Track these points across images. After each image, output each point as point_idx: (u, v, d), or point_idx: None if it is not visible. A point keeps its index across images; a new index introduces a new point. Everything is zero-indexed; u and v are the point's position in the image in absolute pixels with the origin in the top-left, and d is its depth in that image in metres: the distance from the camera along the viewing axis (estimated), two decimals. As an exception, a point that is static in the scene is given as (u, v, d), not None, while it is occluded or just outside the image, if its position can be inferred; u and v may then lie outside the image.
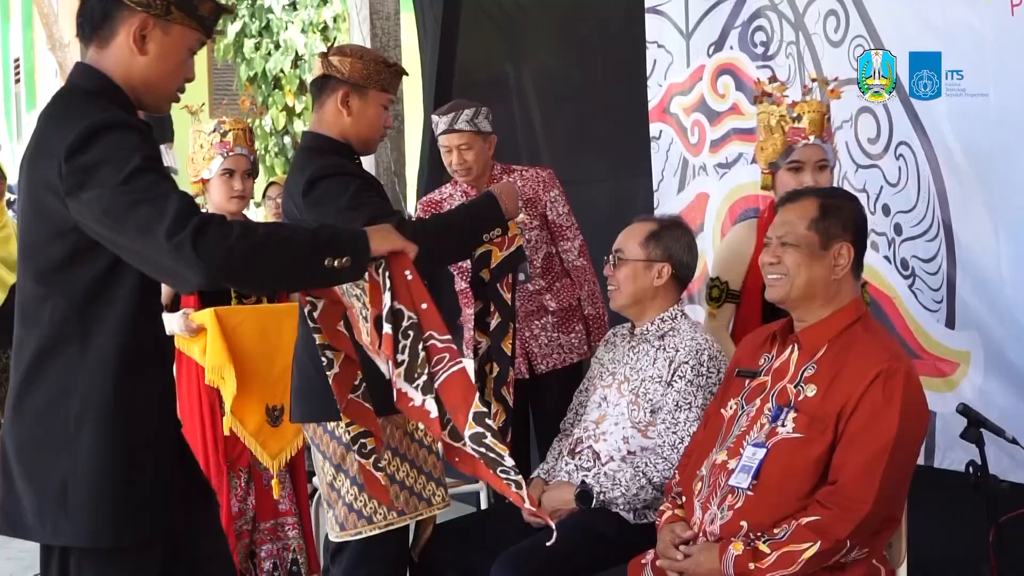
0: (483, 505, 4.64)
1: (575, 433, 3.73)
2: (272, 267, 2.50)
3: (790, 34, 4.64)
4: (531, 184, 4.64)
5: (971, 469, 3.22)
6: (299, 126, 15.69)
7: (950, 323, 4.01)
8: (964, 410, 3.32)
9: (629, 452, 3.55)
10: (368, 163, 7.56)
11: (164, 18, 2.57)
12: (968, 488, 3.15)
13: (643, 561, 3.14)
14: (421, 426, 3.23)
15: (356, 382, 2.93)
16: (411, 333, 2.64)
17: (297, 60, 15.36)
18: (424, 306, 2.66)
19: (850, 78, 4.28)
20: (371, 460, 2.96)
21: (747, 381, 3.14)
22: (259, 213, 9.59)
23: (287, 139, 15.79)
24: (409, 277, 2.67)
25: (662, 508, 3.24)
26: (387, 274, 2.67)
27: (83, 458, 2.51)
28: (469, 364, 3.05)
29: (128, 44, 2.57)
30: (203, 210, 2.63)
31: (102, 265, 2.50)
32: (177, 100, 2.80)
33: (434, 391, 2.63)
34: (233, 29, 15.59)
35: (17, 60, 24.31)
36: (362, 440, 2.96)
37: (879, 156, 4.25)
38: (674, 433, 3.50)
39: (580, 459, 3.64)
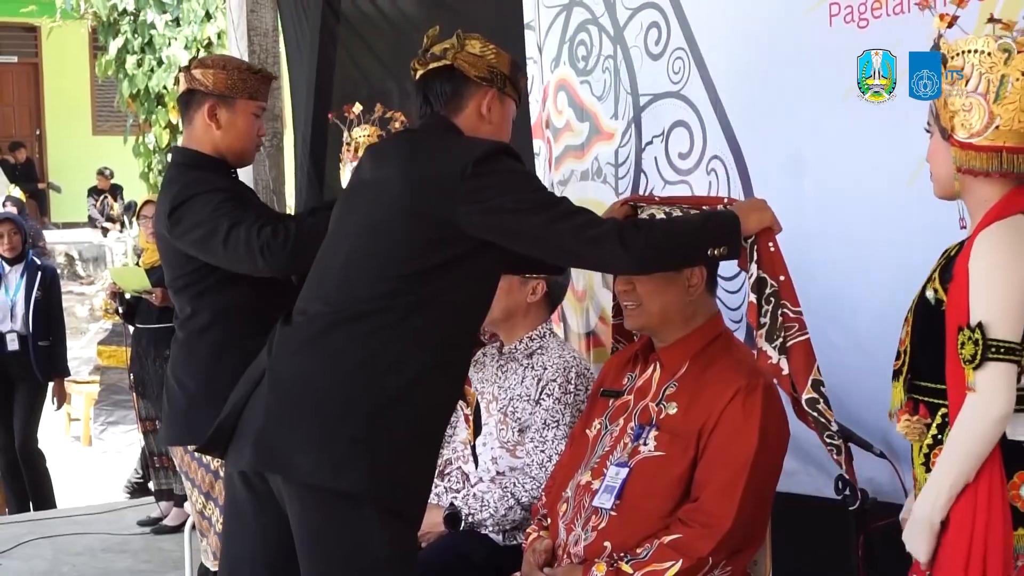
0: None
1: (444, 454, 3.69)
2: (673, 259, 2.87)
3: (608, 48, 4.61)
4: None
5: (839, 483, 3.23)
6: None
7: (748, 340, 3.99)
8: (832, 424, 3.32)
9: (498, 472, 3.53)
10: (247, 182, 7.49)
11: (503, 92, 2.96)
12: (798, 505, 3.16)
13: (509, 584, 3.12)
14: None
15: None
16: (772, 300, 2.87)
17: (180, 77, 15.15)
18: (782, 278, 2.88)
19: (667, 91, 4.27)
20: None
21: (611, 401, 3.13)
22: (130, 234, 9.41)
23: (170, 156, 15.56)
24: (772, 248, 2.87)
25: (528, 530, 3.21)
26: (755, 246, 2.86)
27: (400, 419, 2.67)
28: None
29: (478, 114, 2.93)
30: None
31: (456, 254, 2.73)
32: None
33: (787, 352, 2.86)
34: (115, 45, 15.34)
35: None
36: None
37: (690, 171, 4.19)
38: (542, 452, 3.48)
39: (449, 480, 3.60)
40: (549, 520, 3.15)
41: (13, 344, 7.69)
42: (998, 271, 2.43)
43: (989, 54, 2.46)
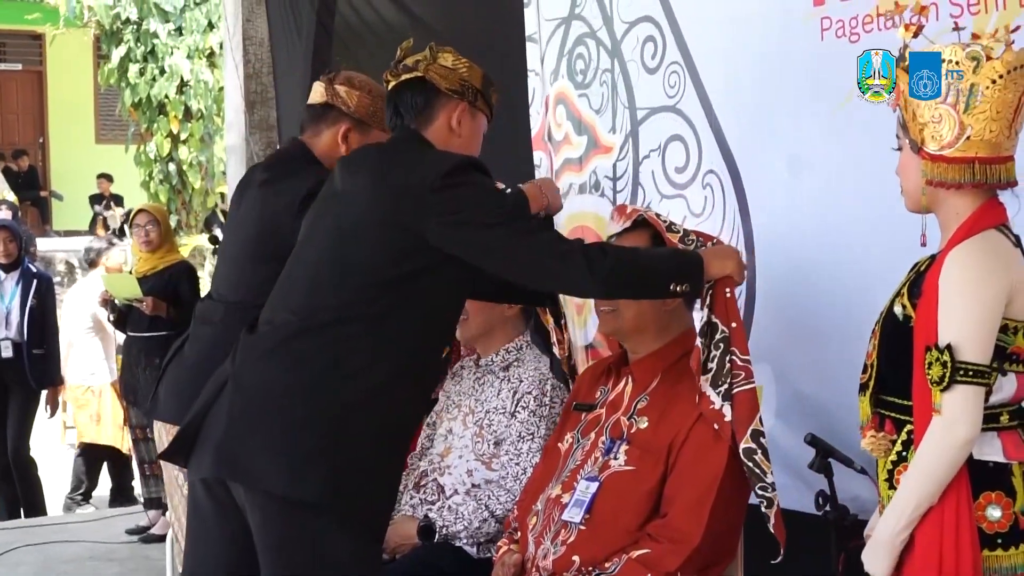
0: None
1: (421, 466, 3.69)
2: (636, 287, 2.87)
3: (606, 61, 4.60)
4: None
5: (820, 499, 3.21)
6: (184, 152, 15.49)
7: None
8: (812, 440, 3.31)
9: (473, 485, 3.52)
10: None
11: (473, 104, 2.96)
12: (804, 520, 3.14)
13: (480, 597, 3.11)
14: None
15: None
16: (721, 345, 2.87)
17: (182, 86, 15.19)
18: (734, 325, 2.89)
19: (663, 105, 4.28)
20: None
21: (583, 415, 3.13)
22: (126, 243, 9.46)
23: (171, 166, 15.59)
24: (728, 295, 2.88)
25: (499, 543, 3.21)
26: (711, 291, 2.88)
27: (362, 429, 2.66)
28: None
29: (448, 127, 2.93)
30: None
31: (423, 265, 2.73)
32: None
33: (731, 399, 2.87)
34: (118, 54, 15.40)
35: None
36: None
37: (686, 185, 4.17)
38: (517, 464, 3.47)
39: (425, 492, 3.59)
40: (520, 533, 3.14)
41: (7, 352, 7.67)
42: (968, 291, 2.41)
43: (957, 63, 2.43)
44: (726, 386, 2.85)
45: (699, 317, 2.92)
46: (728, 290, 2.86)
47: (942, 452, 2.40)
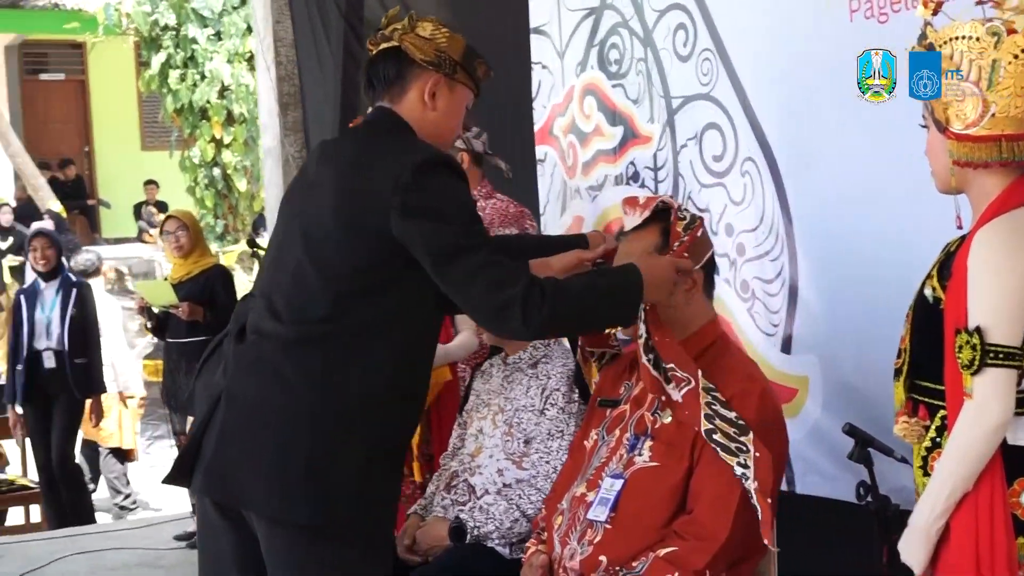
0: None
1: (452, 467, 3.65)
2: (570, 332, 2.93)
3: (639, 51, 4.59)
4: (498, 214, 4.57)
5: (862, 490, 3.14)
6: (227, 157, 15.53)
7: (786, 348, 3.90)
8: (851, 430, 3.23)
9: (504, 485, 3.48)
10: (276, 192, 7.48)
11: (451, 77, 2.80)
12: (833, 511, 3.07)
13: (511, 599, 3.06)
14: None
15: None
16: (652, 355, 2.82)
17: (223, 91, 15.24)
18: (656, 338, 2.83)
19: (697, 93, 4.22)
20: None
21: (608, 411, 3.06)
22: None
23: (216, 171, 15.64)
24: (648, 307, 2.80)
25: (528, 544, 3.15)
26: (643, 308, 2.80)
27: (353, 444, 2.61)
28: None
29: (421, 99, 2.78)
30: None
31: (397, 268, 2.63)
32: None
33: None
34: (158, 60, 15.47)
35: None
36: None
37: (724, 173, 4.15)
38: (547, 463, 3.42)
39: (456, 493, 3.55)
40: (547, 533, 3.09)
41: (50, 362, 7.71)
42: (997, 271, 2.34)
43: (978, 39, 2.37)
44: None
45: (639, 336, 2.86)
46: (648, 304, 2.79)
47: (975, 437, 2.34)
